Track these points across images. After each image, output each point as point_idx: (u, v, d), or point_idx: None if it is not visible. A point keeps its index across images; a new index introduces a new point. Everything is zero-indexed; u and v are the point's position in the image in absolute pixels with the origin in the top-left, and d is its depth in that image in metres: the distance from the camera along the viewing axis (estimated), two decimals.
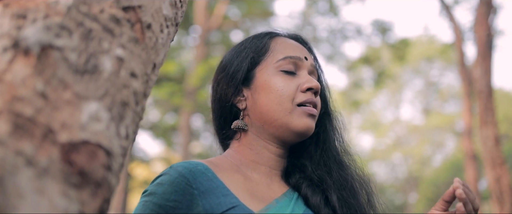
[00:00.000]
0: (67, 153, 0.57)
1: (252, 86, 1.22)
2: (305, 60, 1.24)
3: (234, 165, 1.18)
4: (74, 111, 0.59)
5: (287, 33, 1.33)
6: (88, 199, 0.58)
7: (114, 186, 0.64)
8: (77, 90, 0.60)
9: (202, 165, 1.11)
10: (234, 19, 13.81)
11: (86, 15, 0.65)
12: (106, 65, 0.65)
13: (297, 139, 1.20)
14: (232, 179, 1.13)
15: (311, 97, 1.19)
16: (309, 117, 1.18)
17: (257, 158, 1.20)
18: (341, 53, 13.80)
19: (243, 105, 1.22)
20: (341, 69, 14.47)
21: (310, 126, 1.18)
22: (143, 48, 0.72)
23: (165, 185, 1.05)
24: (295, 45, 1.27)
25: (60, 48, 0.61)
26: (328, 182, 1.20)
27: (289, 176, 1.22)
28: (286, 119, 1.16)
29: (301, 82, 1.20)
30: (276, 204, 1.11)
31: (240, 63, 1.24)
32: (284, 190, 1.18)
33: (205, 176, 1.08)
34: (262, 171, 1.19)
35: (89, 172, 0.58)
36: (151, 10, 0.75)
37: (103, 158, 0.60)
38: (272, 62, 1.22)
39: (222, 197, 1.06)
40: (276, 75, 1.20)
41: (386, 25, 12.24)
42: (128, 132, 0.68)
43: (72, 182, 0.56)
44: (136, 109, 0.71)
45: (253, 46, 1.26)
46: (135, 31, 0.71)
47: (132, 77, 0.69)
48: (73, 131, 0.58)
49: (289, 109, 1.17)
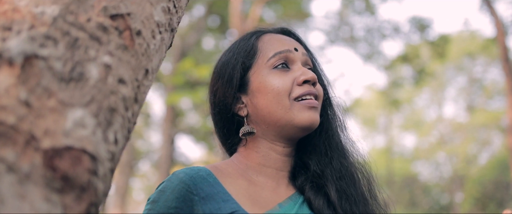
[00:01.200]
0: (50, 159, 0.59)
1: (249, 91, 1.21)
2: (296, 51, 1.23)
3: (239, 170, 1.18)
4: (59, 118, 0.61)
5: (272, 29, 1.32)
6: (72, 203, 0.60)
7: (103, 190, 0.66)
8: (61, 98, 0.62)
9: (205, 170, 1.12)
10: (270, 21, 13.82)
11: (73, 25, 0.67)
12: (92, 72, 0.66)
13: (303, 133, 1.19)
14: (235, 184, 1.13)
15: (309, 89, 1.18)
16: (311, 110, 1.17)
17: (263, 160, 1.20)
18: (379, 52, 13.63)
19: (245, 112, 1.22)
20: (380, 68, 14.28)
21: (314, 119, 1.17)
22: (132, 55, 0.73)
23: (167, 192, 1.07)
24: (283, 39, 1.26)
25: (45, 58, 0.63)
26: (328, 174, 1.19)
27: (295, 178, 1.21)
28: (288, 116, 1.16)
29: (296, 76, 1.19)
30: (279, 209, 1.11)
31: (232, 71, 1.23)
32: (290, 193, 1.18)
33: (206, 181, 1.09)
34: (268, 174, 1.19)
35: (73, 176, 0.60)
36: (141, 17, 0.76)
37: (88, 163, 0.62)
38: (263, 63, 1.21)
39: (222, 202, 1.06)
40: (269, 74, 1.19)
41: (424, 21, 12.02)
42: (117, 137, 0.69)
43: (55, 186, 0.58)
44: (126, 114, 0.72)
45: (241, 51, 1.24)
46: (124, 38, 0.72)
47: (120, 83, 0.70)
48: (56, 137, 0.60)
49: (288, 106, 1.16)
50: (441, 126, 24.51)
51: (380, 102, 20.18)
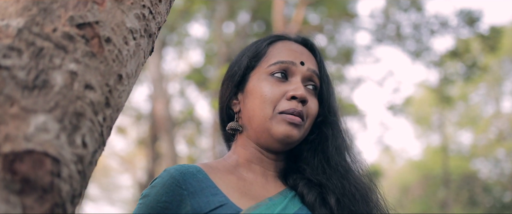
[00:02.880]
0: (10, 163, 0.62)
1: (245, 90, 1.24)
2: (301, 66, 1.23)
3: (230, 166, 1.22)
4: (21, 124, 0.64)
5: (294, 37, 1.32)
6: (34, 203, 0.63)
7: (68, 191, 0.69)
8: (24, 105, 0.66)
9: (195, 167, 1.15)
10: (314, 23, 13.77)
11: (38, 35, 0.71)
12: (57, 80, 0.70)
13: (279, 145, 1.20)
14: (225, 179, 1.16)
15: (294, 107, 1.18)
16: (290, 125, 1.17)
17: (251, 157, 1.23)
18: (428, 49, 13.31)
19: (237, 109, 1.26)
20: (430, 65, 13.94)
21: (289, 134, 1.17)
22: (101, 61, 0.76)
23: (157, 187, 1.11)
24: (295, 50, 1.26)
25: (8, 68, 0.66)
26: (327, 187, 1.18)
27: (287, 178, 1.23)
28: (266, 125, 1.18)
29: (288, 89, 1.19)
30: (268, 202, 1.12)
31: (238, 68, 1.27)
32: (280, 189, 1.19)
33: (195, 177, 1.12)
34: (257, 171, 1.22)
35: (34, 179, 0.63)
36: (111, 25, 0.79)
37: (50, 166, 0.65)
38: (264, 68, 1.23)
39: (211, 196, 1.09)
40: (264, 80, 1.21)
41: (473, 14, 11.65)
42: (86, 140, 0.72)
43: (14, 188, 0.61)
44: (96, 118, 0.75)
45: (252, 51, 1.28)
46: (92, 46, 0.76)
47: (87, 89, 0.73)
48: (17, 142, 0.63)
49: (269, 115, 1.18)
50: (499, 122, 23.65)
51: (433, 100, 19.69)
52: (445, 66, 14.48)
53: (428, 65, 13.74)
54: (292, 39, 1.31)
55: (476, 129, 24.21)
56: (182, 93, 16.29)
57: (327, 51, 15.25)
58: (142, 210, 1.10)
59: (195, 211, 1.07)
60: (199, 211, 1.07)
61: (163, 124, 7.44)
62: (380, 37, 13.98)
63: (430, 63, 13.59)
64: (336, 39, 15.12)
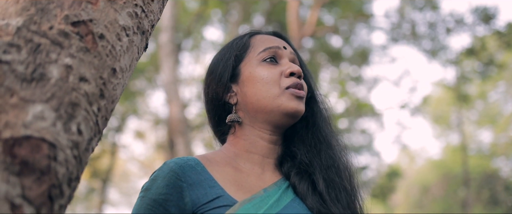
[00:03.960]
0: (10, 147, 0.69)
1: (240, 81, 1.30)
2: (284, 49, 1.33)
3: (227, 158, 1.27)
4: (20, 112, 0.71)
5: (265, 32, 1.42)
6: (32, 184, 0.70)
7: (66, 174, 0.75)
8: (23, 96, 0.72)
9: (193, 160, 1.21)
10: (329, 24, 13.79)
11: (36, 33, 0.78)
12: (53, 73, 0.76)
13: (289, 120, 1.27)
14: (222, 172, 1.21)
15: (296, 80, 1.27)
16: (298, 99, 1.26)
17: (250, 147, 1.28)
18: (444, 47, 13.25)
19: (235, 100, 1.31)
20: (446, 64, 13.86)
21: (300, 107, 1.26)
22: (95, 56, 0.83)
23: (158, 180, 1.17)
24: (273, 39, 1.36)
25: (8, 62, 0.73)
26: (316, 164, 1.25)
27: (282, 165, 1.28)
28: (276, 103, 1.24)
29: (283, 69, 1.28)
30: (263, 193, 1.18)
31: (225, 63, 1.34)
32: (276, 179, 1.25)
33: (194, 169, 1.18)
34: (255, 161, 1.27)
35: (32, 162, 0.70)
36: (104, 22, 0.86)
37: (46, 150, 0.72)
38: (254, 56, 1.31)
39: (209, 188, 1.15)
40: (259, 66, 1.28)
41: (489, 11, 11.57)
42: (81, 128, 0.79)
43: (14, 170, 0.68)
44: (91, 108, 0.81)
45: (235, 46, 1.35)
46: (86, 42, 0.82)
47: (82, 81, 0.80)
48: (16, 128, 0.70)
49: (277, 93, 1.25)
50: None
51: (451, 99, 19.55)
52: (462, 65, 14.38)
53: (445, 64, 13.67)
54: (264, 33, 1.41)
55: (496, 127, 23.95)
56: (200, 97, 16.42)
57: (343, 52, 15.27)
58: (145, 203, 1.15)
59: (193, 202, 1.13)
60: (197, 203, 1.13)
61: (178, 126, 7.53)
62: (396, 37, 13.95)
63: (447, 62, 13.52)
64: (352, 40, 15.13)
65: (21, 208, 0.67)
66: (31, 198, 0.69)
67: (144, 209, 1.14)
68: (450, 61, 13.50)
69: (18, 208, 0.67)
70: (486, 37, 12.43)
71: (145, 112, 17.38)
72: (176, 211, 1.12)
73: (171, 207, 1.13)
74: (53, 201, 0.73)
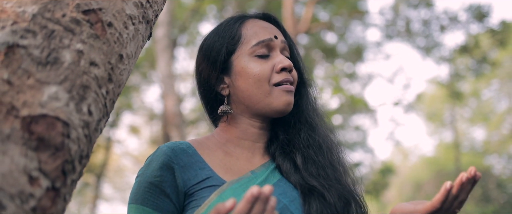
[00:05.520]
0: (28, 124, 0.74)
1: (232, 73, 1.33)
2: (276, 39, 1.34)
3: (218, 143, 1.33)
4: (36, 93, 0.77)
5: (255, 14, 1.42)
6: (48, 159, 0.75)
7: (77, 151, 0.81)
8: (39, 77, 0.78)
9: (185, 143, 1.28)
10: (324, 20, 13.85)
11: (50, 20, 0.83)
12: (66, 57, 0.82)
13: (279, 115, 1.32)
14: (212, 155, 1.28)
15: (287, 76, 1.30)
16: (288, 94, 1.30)
17: (241, 134, 1.34)
18: (438, 45, 13.33)
19: (227, 92, 1.35)
20: (440, 61, 13.95)
21: (290, 102, 1.30)
22: (104, 42, 0.89)
23: (152, 163, 1.24)
24: (265, 27, 1.36)
25: (25, 46, 0.79)
26: (295, 143, 1.31)
27: (269, 147, 1.34)
28: (267, 100, 1.29)
29: (275, 63, 1.31)
30: (250, 174, 1.25)
31: (217, 55, 1.35)
32: (264, 162, 1.31)
33: (185, 152, 1.25)
34: (245, 146, 1.33)
35: (48, 138, 0.76)
36: (113, 11, 0.92)
37: (61, 128, 0.78)
38: (246, 49, 1.32)
39: (199, 170, 1.23)
40: (251, 61, 1.31)
41: (483, 9, 11.66)
42: (91, 109, 0.85)
43: (31, 145, 0.74)
44: (100, 91, 0.87)
45: (226, 36, 1.36)
46: (96, 29, 0.88)
47: (92, 65, 0.85)
48: (33, 107, 0.76)
49: (267, 91, 1.29)
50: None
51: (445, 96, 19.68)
52: (456, 62, 14.48)
53: (439, 61, 13.76)
54: (256, 17, 1.42)
55: (489, 125, 24.11)
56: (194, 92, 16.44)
57: (338, 48, 15.33)
58: (142, 186, 1.22)
59: (185, 183, 1.20)
60: (188, 183, 1.20)
61: (173, 119, 7.58)
62: (390, 34, 14.03)
63: (441, 59, 13.62)
64: (347, 36, 15.19)
65: (38, 180, 0.73)
66: (47, 171, 0.75)
67: (142, 192, 1.20)
68: (444, 58, 13.59)
69: (35, 180, 0.73)
70: (480, 35, 12.53)
71: (139, 107, 17.42)
72: (171, 191, 1.20)
73: (166, 187, 1.20)
74: (66, 175, 0.78)
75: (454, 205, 1.13)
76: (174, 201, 1.20)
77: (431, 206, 1.13)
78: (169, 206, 1.19)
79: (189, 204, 1.19)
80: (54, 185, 0.76)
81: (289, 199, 1.22)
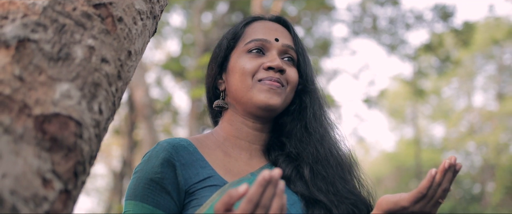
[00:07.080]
0: (40, 123, 0.71)
1: (227, 69, 1.35)
2: (275, 42, 1.33)
3: (217, 142, 1.32)
4: (48, 90, 0.73)
5: (268, 17, 1.42)
6: (61, 160, 0.72)
7: (88, 152, 0.78)
8: (50, 74, 0.74)
9: (186, 141, 1.26)
10: (292, 15, 13.87)
11: (60, 13, 0.80)
12: (78, 53, 0.78)
13: (263, 113, 1.29)
14: (212, 154, 1.26)
15: (272, 75, 1.28)
16: (269, 92, 1.27)
17: (237, 133, 1.33)
18: (403, 42, 13.55)
19: (223, 87, 1.36)
20: (405, 59, 14.18)
21: (270, 99, 1.26)
22: (114, 38, 0.85)
23: (152, 160, 1.20)
24: (269, 28, 1.36)
25: (36, 41, 0.75)
26: (303, 156, 1.29)
27: (270, 153, 1.33)
28: (249, 95, 1.28)
29: (265, 61, 1.29)
30: (250, 177, 1.24)
31: (220, 50, 1.38)
32: (262, 164, 1.30)
33: (186, 150, 1.23)
34: (242, 146, 1.32)
35: (61, 138, 0.72)
36: (123, 6, 0.88)
37: (74, 128, 0.74)
38: (241, 46, 1.34)
39: (200, 168, 1.21)
40: (242, 57, 1.31)
41: (447, 9, 11.90)
42: (102, 108, 0.81)
43: (44, 146, 0.70)
44: (110, 89, 0.84)
45: (230, 33, 1.38)
46: (106, 24, 0.84)
47: (103, 62, 0.82)
48: (46, 105, 0.72)
49: (250, 85, 1.28)
50: (471, 116, 24.17)
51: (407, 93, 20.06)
52: (420, 60, 14.76)
53: (403, 58, 13.98)
54: (267, 18, 1.42)
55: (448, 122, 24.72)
56: (159, 82, 16.27)
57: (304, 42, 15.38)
58: (141, 182, 1.18)
59: (186, 181, 1.18)
60: (189, 182, 1.18)
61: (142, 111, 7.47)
62: (357, 30, 14.17)
63: (405, 57, 13.84)
64: (314, 31, 15.27)
65: (51, 182, 0.70)
66: (59, 173, 0.71)
67: (141, 188, 1.17)
68: (408, 56, 13.82)
69: (49, 183, 0.69)
70: (444, 34, 12.79)
71: None
72: (172, 188, 1.17)
73: (167, 184, 1.17)
74: (78, 177, 0.75)
75: (437, 193, 1.14)
76: (175, 198, 1.17)
77: (418, 192, 1.14)
78: (170, 203, 1.17)
79: (190, 202, 1.17)
80: (67, 187, 0.72)
81: (289, 202, 1.21)
